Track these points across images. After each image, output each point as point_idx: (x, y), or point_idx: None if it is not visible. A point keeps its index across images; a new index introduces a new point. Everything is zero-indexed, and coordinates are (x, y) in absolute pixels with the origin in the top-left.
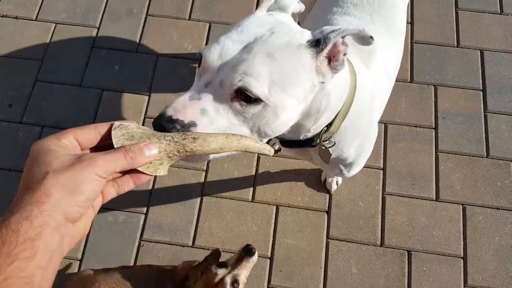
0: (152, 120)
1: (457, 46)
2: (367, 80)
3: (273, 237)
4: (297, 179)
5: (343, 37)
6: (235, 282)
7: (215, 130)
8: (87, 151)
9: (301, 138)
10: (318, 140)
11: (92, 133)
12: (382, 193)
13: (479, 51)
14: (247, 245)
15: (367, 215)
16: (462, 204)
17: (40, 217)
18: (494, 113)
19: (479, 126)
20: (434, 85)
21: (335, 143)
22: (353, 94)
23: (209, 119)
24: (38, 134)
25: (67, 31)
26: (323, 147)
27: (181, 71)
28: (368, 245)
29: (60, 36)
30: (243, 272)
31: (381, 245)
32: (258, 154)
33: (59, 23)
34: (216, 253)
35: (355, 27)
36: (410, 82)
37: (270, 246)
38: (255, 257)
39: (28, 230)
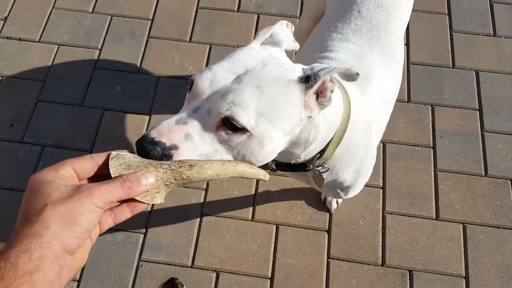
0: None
1: (452, 67)
2: (362, 107)
3: (273, 257)
4: (297, 197)
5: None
6: None
7: (199, 156)
8: (85, 181)
9: (292, 162)
10: (311, 166)
11: (89, 164)
12: (382, 212)
13: (474, 72)
14: (172, 279)
15: (368, 234)
16: (463, 223)
17: (38, 249)
18: (491, 132)
19: (477, 145)
20: (431, 105)
21: (328, 168)
22: (347, 122)
23: (193, 144)
24: (39, 154)
25: (70, 53)
26: (317, 172)
27: (181, 92)
28: (369, 264)
29: (63, 57)
30: None
31: (382, 265)
32: (254, 179)
33: (62, 45)
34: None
35: (342, 66)
36: (408, 102)
37: (270, 266)
38: None
39: (27, 263)
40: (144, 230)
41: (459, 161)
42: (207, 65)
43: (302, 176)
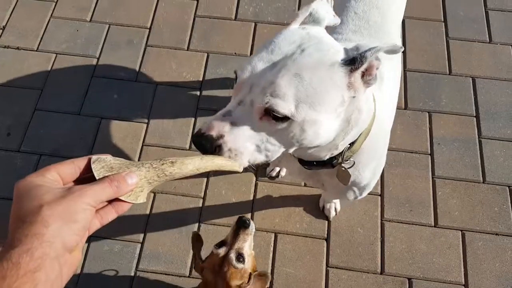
0: (157, 147)
1: (449, 74)
2: (382, 102)
3: (272, 266)
4: (295, 205)
5: None
6: (239, 256)
7: (245, 143)
8: (71, 184)
9: (326, 157)
10: (340, 159)
11: (72, 168)
12: (381, 220)
13: (471, 79)
14: (240, 217)
15: (367, 242)
16: (461, 230)
17: (40, 248)
18: (489, 138)
19: (474, 151)
20: (428, 112)
21: (354, 163)
22: (374, 115)
23: (239, 132)
24: (36, 162)
25: (68, 61)
26: (343, 168)
27: (179, 99)
28: (368, 273)
29: (61, 66)
30: (245, 245)
31: (381, 273)
32: (230, 171)
33: (60, 53)
34: (196, 237)
35: (388, 44)
36: (405, 109)
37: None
38: (251, 228)
39: (29, 262)
40: (141, 240)
41: (457, 167)
42: (204, 73)
43: (317, 180)
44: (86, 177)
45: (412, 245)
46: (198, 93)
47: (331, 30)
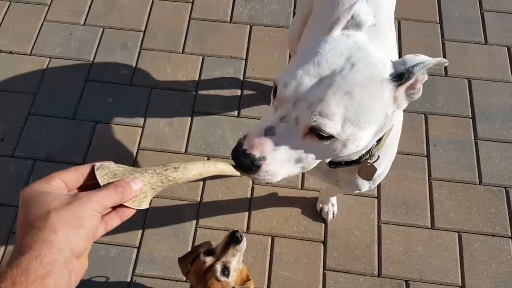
0: (152, 151)
1: (445, 75)
2: None
3: (269, 269)
4: (292, 208)
5: None
6: (225, 269)
7: (281, 165)
8: (75, 191)
9: (358, 158)
10: (368, 156)
11: (76, 175)
12: (378, 222)
13: (466, 80)
14: (233, 232)
15: (363, 244)
16: (458, 232)
17: (49, 254)
18: (485, 140)
19: (471, 153)
20: (424, 114)
21: (379, 157)
22: None
23: (280, 153)
24: (30, 168)
25: (61, 65)
26: (368, 163)
27: (175, 103)
28: (365, 275)
29: (54, 70)
30: (234, 259)
31: (378, 275)
32: (231, 175)
33: (54, 57)
34: (207, 245)
35: (436, 59)
36: None
37: (266, 279)
38: (242, 245)
39: (38, 268)
40: (137, 244)
41: (453, 169)
42: (200, 76)
43: (332, 177)
44: (90, 184)
45: (409, 247)
46: (193, 96)
47: None
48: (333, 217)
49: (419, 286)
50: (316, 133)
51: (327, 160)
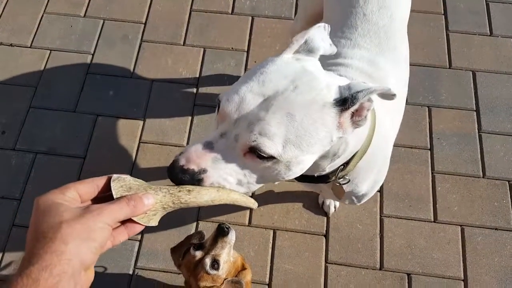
0: (153, 144)
1: (449, 68)
2: (385, 118)
3: (270, 263)
4: (294, 202)
5: None
6: (215, 262)
7: (224, 179)
8: (89, 202)
9: (315, 175)
10: (334, 178)
11: (91, 187)
12: (380, 215)
13: (471, 72)
14: (219, 225)
15: (366, 238)
16: (461, 225)
17: (59, 266)
18: (489, 133)
19: (474, 146)
20: (428, 106)
21: (349, 180)
22: (373, 134)
23: (221, 167)
24: (31, 161)
25: (62, 58)
26: (337, 184)
27: (176, 96)
28: (367, 268)
29: (55, 63)
30: (223, 252)
31: (380, 269)
32: (245, 206)
33: (54, 50)
34: (199, 235)
35: (382, 86)
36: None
37: (268, 272)
38: (230, 237)
39: (47, 279)
40: (139, 237)
41: (457, 162)
42: (201, 68)
43: (316, 186)
44: (103, 196)
45: (411, 240)
46: (194, 89)
47: (340, 34)
48: (334, 210)
49: (421, 279)
50: (256, 153)
51: (276, 183)
